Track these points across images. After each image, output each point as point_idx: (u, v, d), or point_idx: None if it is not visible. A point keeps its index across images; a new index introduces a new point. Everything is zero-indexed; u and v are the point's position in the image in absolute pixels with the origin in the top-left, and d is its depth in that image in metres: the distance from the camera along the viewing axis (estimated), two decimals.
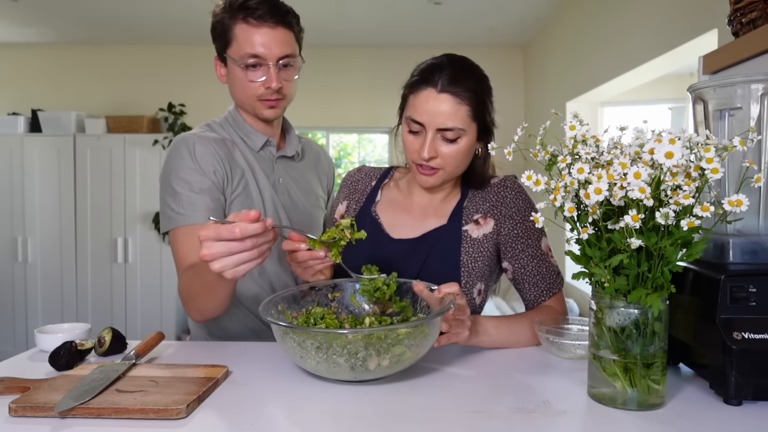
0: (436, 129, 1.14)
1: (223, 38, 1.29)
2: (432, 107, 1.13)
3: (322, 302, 1.13)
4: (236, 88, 1.33)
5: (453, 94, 1.13)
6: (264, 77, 1.28)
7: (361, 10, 4.32)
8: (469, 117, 1.14)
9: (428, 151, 1.14)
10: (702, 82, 0.96)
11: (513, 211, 1.23)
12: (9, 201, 4.77)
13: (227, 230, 0.88)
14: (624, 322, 0.82)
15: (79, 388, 0.85)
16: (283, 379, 0.97)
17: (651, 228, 0.77)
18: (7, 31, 4.82)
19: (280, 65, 1.28)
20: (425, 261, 1.21)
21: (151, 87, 5.21)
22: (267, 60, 1.26)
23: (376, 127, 5.55)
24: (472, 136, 1.17)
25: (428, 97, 1.14)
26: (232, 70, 1.30)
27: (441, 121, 1.13)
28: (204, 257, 0.89)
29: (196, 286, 1.12)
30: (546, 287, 1.22)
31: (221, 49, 1.31)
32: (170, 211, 1.24)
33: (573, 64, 4.11)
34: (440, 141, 1.15)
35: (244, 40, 1.25)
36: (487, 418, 0.80)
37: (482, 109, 1.16)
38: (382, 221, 1.29)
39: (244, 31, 1.25)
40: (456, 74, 1.14)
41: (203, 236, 0.89)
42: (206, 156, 1.27)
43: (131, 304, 4.77)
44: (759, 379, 0.81)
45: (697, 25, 2.45)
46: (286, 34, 1.27)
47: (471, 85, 1.14)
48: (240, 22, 1.25)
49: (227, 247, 0.88)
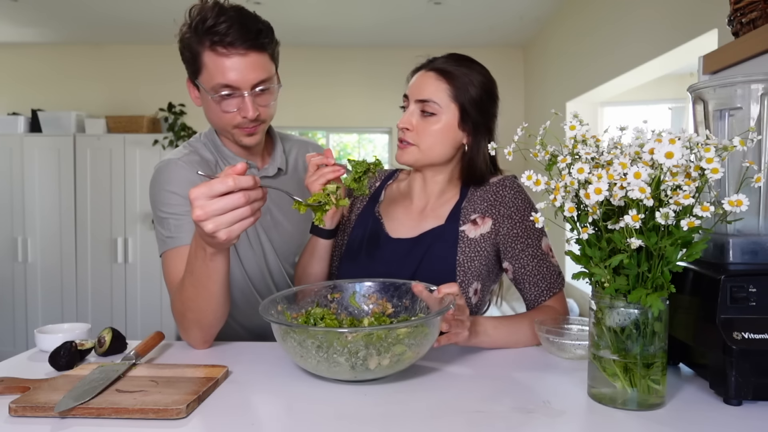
0: (416, 100, 1.22)
1: (192, 65, 1.21)
2: (417, 82, 1.24)
3: (322, 303, 1.13)
4: (211, 116, 1.26)
5: (437, 71, 1.22)
6: (239, 108, 1.21)
7: (361, 10, 4.32)
8: (448, 96, 1.20)
9: (404, 121, 1.22)
10: (702, 82, 0.96)
11: (512, 211, 1.23)
12: (9, 201, 4.77)
13: (220, 182, 0.86)
14: (624, 322, 0.82)
15: (79, 388, 0.85)
16: (283, 379, 0.97)
17: (651, 228, 0.77)
18: (7, 31, 4.82)
19: (256, 92, 1.20)
20: (421, 261, 1.22)
21: (151, 87, 5.21)
22: (240, 88, 1.18)
23: (376, 127, 5.55)
24: (450, 116, 1.21)
25: (418, 75, 1.25)
26: (205, 99, 1.24)
27: (419, 92, 1.22)
28: (197, 218, 0.88)
29: (188, 291, 1.06)
30: (546, 287, 1.22)
31: (192, 75, 1.24)
32: (160, 235, 1.22)
33: (573, 64, 4.11)
34: (419, 116, 1.22)
35: (215, 69, 1.17)
36: (487, 418, 0.80)
37: (465, 95, 1.21)
38: (384, 221, 1.31)
39: (214, 60, 1.17)
40: (448, 60, 1.24)
41: (194, 195, 0.87)
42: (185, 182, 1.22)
43: (131, 304, 4.77)
44: (759, 379, 0.81)
45: (697, 25, 2.45)
46: (260, 58, 1.19)
47: (459, 70, 1.22)
48: (208, 51, 1.17)
49: (221, 204, 0.87)
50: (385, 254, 1.25)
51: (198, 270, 1.02)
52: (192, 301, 1.07)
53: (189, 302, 1.07)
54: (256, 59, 1.18)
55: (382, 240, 1.27)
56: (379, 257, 1.25)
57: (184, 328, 1.13)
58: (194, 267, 1.02)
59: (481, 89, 1.22)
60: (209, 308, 1.07)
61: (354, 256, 1.29)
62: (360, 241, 1.30)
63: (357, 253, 1.29)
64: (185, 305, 1.08)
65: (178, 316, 1.12)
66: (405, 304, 1.11)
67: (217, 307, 1.08)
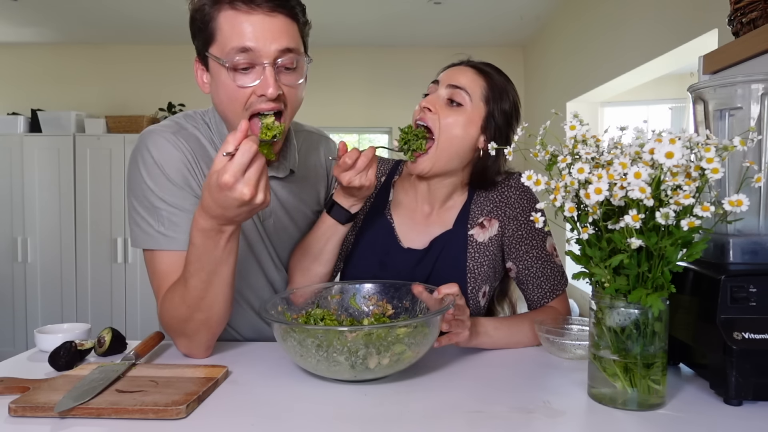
0: (448, 85, 1.17)
1: (204, 32, 1.02)
2: (454, 71, 1.20)
3: (322, 304, 1.13)
4: (221, 97, 1.05)
5: (476, 69, 1.19)
6: (257, 81, 1.00)
7: (361, 10, 4.32)
8: (482, 93, 1.17)
9: (429, 100, 1.17)
10: (702, 82, 0.96)
11: (517, 212, 1.22)
12: (9, 201, 4.77)
13: (242, 153, 0.85)
14: (624, 322, 0.82)
15: (78, 389, 0.85)
16: (283, 379, 0.97)
17: (651, 228, 0.77)
18: (7, 31, 4.81)
19: (279, 65, 1.01)
20: (432, 270, 1.20)
21: (151, 87, 5.21)
22: (261, 57, 0.99)
23: (376, 127, 5.55)
24: (476, 114, 1.16)
25: (454, 68, 1.22)
26: (216, 75, 1.03)
27: (455, 78, 1.17)
28: (249, 196, 0.85)
29: (196, 291, 0.97)
30: (550, 289, 1.21)
31: (202, 47, 1.05)
32: (146, 225, 1.06)
33: (573, 64, 4.11)
34: (444, 101, 1.17)
35: (231, 30, 0.98)
36: (487, 418, 0.80)
37: (498, 99, 1.17)
38: (395, 226, 1.26)
39: (231, 19, 0.98)
40: (487, 64, 1.22)
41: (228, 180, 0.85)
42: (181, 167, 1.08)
43: (131, 304, 4.76)
44: (759, 379, 0.81)
45: (697, 25, 2.45)
46: (286, 23, 1.01)
47: (499, 77, 1.20)
48: (226, 9, 0.99)
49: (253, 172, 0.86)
50: (396, 264, 1.22)
51: (209, 262, 0.95)
52: (202, 299, 0.98)
53: (198, 302, 0.98)
54: (284, 23, 1.00)
55: (393, 248, 1.24)
56: (391, 267, 1.22)
57: (187, 335, 1.04)
58: (204, 263, 0.95)
59: (512, 104, 1.20)
60: (221, 299, 0.99)
61: (365, 264, 1.24)
62: (372, 247, 1.25)
63: (368, 260, 1.24)
64: (192, 307, 0.99)
65: (178, 323, 1.02)
66: (405, 305, 1.11)
67: (227, 297, 1.01)
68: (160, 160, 1.08)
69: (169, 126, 1.14)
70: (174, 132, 1.11)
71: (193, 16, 1.04)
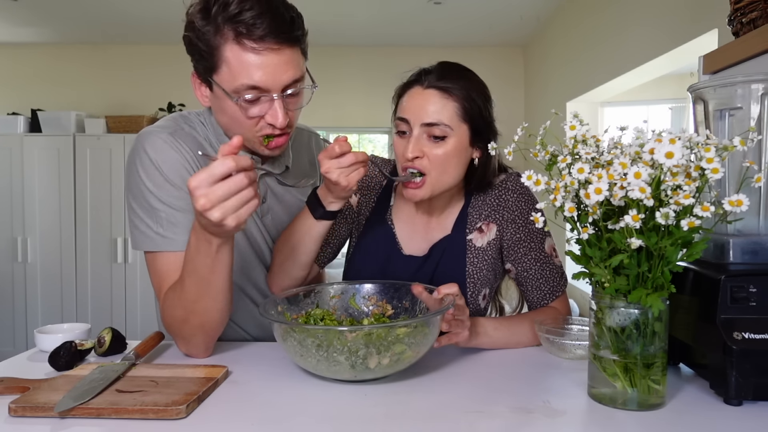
0: (421, 124, 1.09)
1: (207, 60, 1.02)
2: (417, 102, 1.10)
3: (322, 304, 1.13)
4: (227, 121, 1.08)
5: (440, 89, 1.10)
6: (265, 111, 1.03)
7: (361, 10, 4.32)
8: (458, 116, 1.10)
9: (412, 150, 1.09)
10: (702, 82, 0.96)
11: (515, 215, 1.21)
12: (9, 201, 4.77)
13: (220, 164, 0.80)
14: (624, 322, 0.82)
15: (78, 389, 0.85)
16: (283, 379, 0.97)
17: (651, 228, 0.77)
18: (7, 31, 4.81)
19: (286, 95, 1.03)
20: (432, 275, 1.20)
21: (151, 87, 5.21)
22: (270, 91, 1.00)
23: (376, 127, 5.55)
24: (461, 138, 1.11)
25: (415, 94, 1.12)
26: (221, 99, 1.04)
27: (425, 115, 1.09)
28: (203, 208, 0.81)
29: (191, 294, 0.98)
30: (549, 290, 1.21)
31: (204, 72, 1.04)
32: (146, 227, 1.07)
33: (573, 64, 4.11)
34: (426, 140, 1.10)
35: (239, 67, 0.98)
36: (487, 418, 0.80)
37: (474, 111, 1.11)
38: (396, 231, 1.25)
39: (239, 56, 0.98)
40: (444, 73, 1.12)
41: (195, 184, 0.80)
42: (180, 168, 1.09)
43: (131, 304, 4.76)
44: (759, 379, 0.81)
45: (697, 25, 2.45)
46: (292, 53, 1.01)
47: (461, 83, 1.11)
48: (232, 44, 0.98)
49: (224, 189, 0.80)
50: (397, 271, 1.22)
51: (202, 267, 0.95)
52: (196, 302, 0.98)
53: (193, 305, 0.99)
54: (290, 56, 1.01)
55: (395, 255, 1.24)
56: (392, 274, 1.22)
57: (184, 336, 1.05)
58: (197, 265, 0.95)
59: (482, 98, 1.13)
60: (215, 307, 1.00)
61: (366, 271, 1.24)
62: (373, 254, 1.25)
63: (369, 268, 1.24)
64: (188, 309, 1.00)
65: (176, 324, 1.03)
66: (405, 305, 1.11)
67: (222, 305, 1.01)
68: (158, 161, 1.08)
69: (166, 127, 1.14)
70: (171, 133, 1.12)
71: (191, 39, 1.03)
